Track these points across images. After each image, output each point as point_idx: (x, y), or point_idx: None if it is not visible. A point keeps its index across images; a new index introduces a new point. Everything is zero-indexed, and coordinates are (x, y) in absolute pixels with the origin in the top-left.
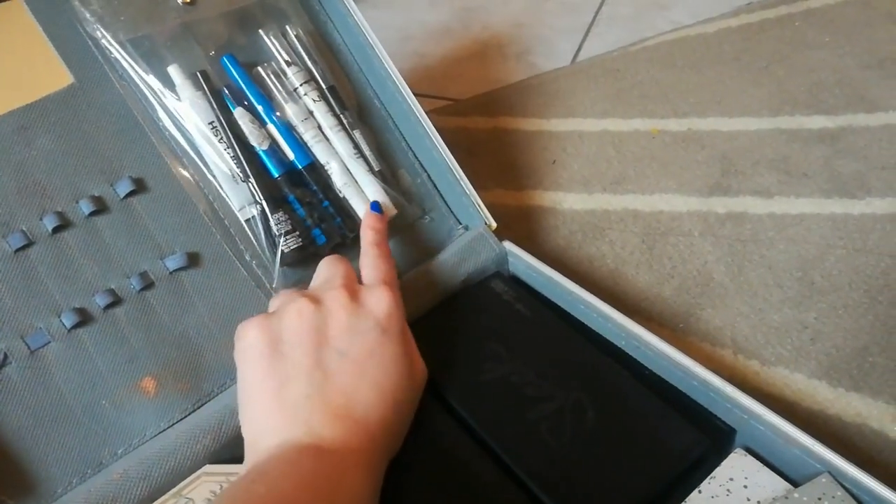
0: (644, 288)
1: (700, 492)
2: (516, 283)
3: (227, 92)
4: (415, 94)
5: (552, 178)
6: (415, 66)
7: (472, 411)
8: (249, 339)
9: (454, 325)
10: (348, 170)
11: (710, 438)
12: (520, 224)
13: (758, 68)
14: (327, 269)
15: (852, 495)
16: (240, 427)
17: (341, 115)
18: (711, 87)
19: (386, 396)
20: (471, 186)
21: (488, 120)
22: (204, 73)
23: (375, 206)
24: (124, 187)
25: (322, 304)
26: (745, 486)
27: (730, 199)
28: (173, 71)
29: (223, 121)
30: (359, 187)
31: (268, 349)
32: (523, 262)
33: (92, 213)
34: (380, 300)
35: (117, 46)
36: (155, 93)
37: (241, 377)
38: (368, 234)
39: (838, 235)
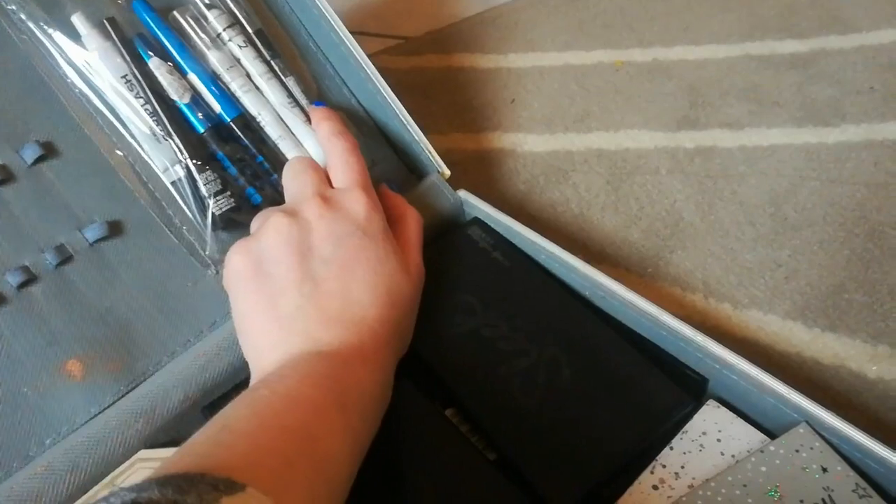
0: (610, 232)
1: (672, 448)
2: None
3: (140, 41)
4: (362, 34)
5: (511, 118)
6: (360, 2)
7: (441, 364)
8: (233, 265)
9: (426, 273)
10: (283, 121)
11: (693, 398)
12: (478, 169)
13: None
14: (296, 179)
15: (831, 445)
16: (176, 408)
17: (272, 62)
18: (678, 14)
19: (380, 293)
20: (420, 132)
21: (443, 58)
22: (112, 21)
23: (318, 104)
24: (31, 153)
25: (299, 216)
26: (719, 441)
27: (698, 133)
28: (77, 20)
29: (137, 73)
30: (297, 139)
31: (252, 271)
32: (480, 211)
33: None
34: (356, 203)
35: None
36: (59, 46)
37: (233, 304)
38: (326, 126)
39: (811, 167)
